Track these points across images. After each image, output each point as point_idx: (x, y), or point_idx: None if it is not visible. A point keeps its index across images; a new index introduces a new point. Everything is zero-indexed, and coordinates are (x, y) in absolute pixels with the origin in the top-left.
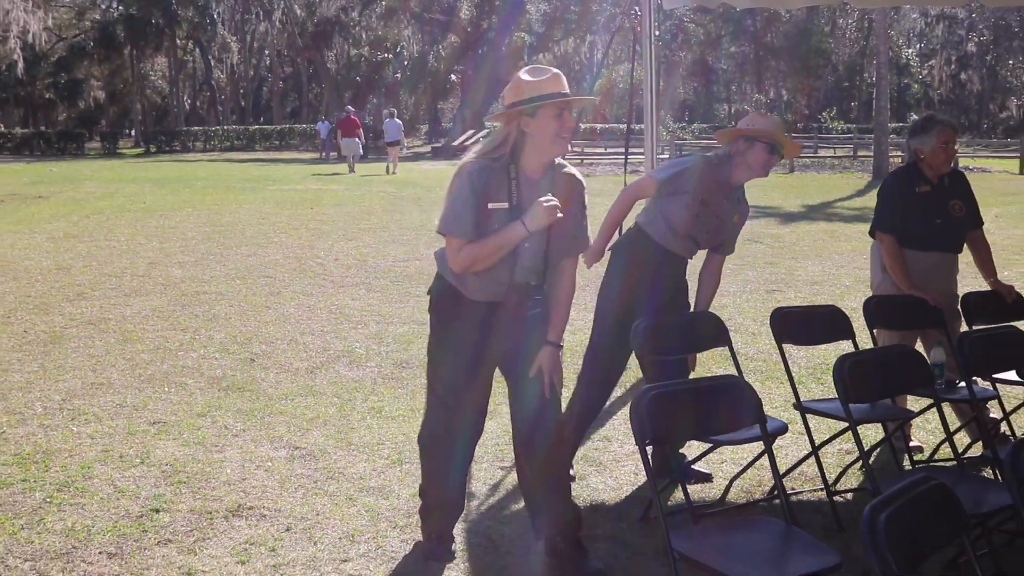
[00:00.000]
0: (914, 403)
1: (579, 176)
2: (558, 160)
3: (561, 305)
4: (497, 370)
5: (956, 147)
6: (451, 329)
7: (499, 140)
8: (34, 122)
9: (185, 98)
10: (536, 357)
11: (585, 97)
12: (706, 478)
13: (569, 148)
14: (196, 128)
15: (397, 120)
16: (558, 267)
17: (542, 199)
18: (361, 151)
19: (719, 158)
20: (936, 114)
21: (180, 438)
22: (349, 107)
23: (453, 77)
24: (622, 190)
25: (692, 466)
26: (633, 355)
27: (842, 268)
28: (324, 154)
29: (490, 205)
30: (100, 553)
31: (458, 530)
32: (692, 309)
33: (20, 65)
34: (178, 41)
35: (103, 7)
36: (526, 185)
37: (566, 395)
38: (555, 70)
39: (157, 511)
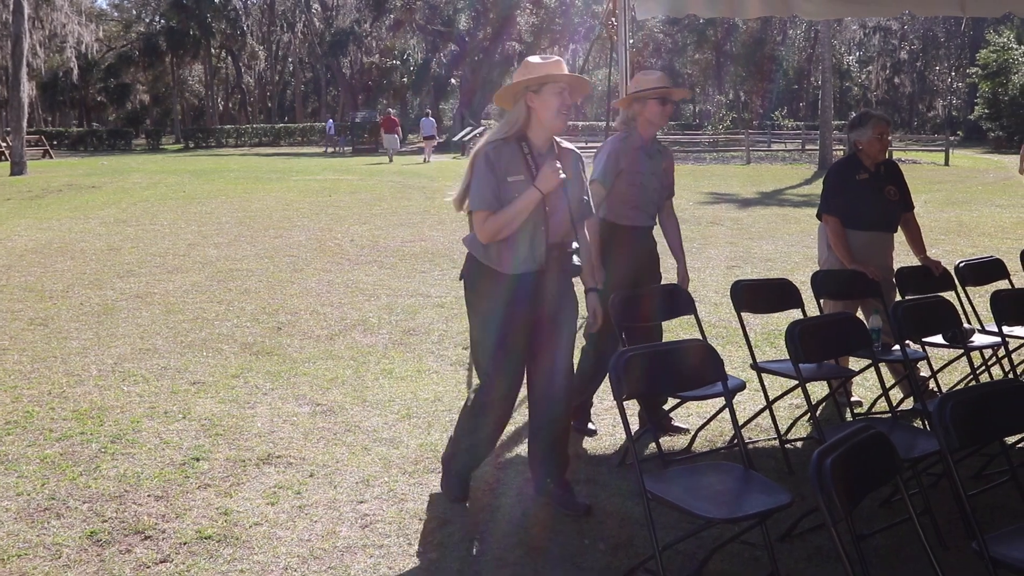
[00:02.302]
0: (855, 363)
1: (576, 149)
2: (556, 137)
3: (591, 257)
4: None
5: (889, 138)
6: (489, 305)
7: (512, 119)
8: (87, 121)
9: (219, 100)
10: (565, 322)
11: (582, 77)
12: (682, 431)
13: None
14: (229, 126)
15: (431, 119)
16: (579, 230)
17: (549, 163)
18: (399, 145)
19: (626, 128)
20: (870, 110)
21: (217, 396)
22: (390, 109)
23: (453, 81)
24: None
25: (671, 421)
26: None
27: (792, 247)
28: (332, 148)
29: (509, 179)
30: (148, 496)
31: None
32: (672, 255)
33: (75, 72)
34: (212, 50)
35: (147, 21)
36: (538, 157)
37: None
38: (558, 57)
39: (197, 459)
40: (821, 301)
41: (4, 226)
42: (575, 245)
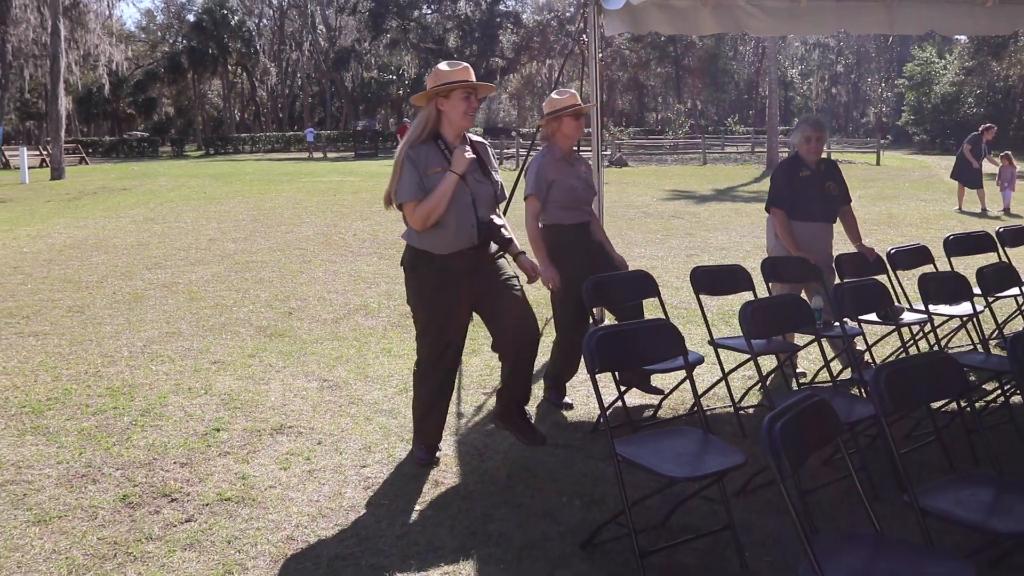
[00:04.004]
0: (800, 339)
1: (484, 140)
2: (467, 133)
3: (508, 230)
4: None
5: (819, 142)
6: (425, 285)
7: (422, 122)
8: (119, 131)
9: (236, 111)
10: (507, 282)
11: (486, 84)
12: (658, 391)
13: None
14: (244, 135)
15: None
16: (495, 209)
17: (458, 148)
18: None
19: (547, 144)
20: (809, 116)
21: (235, 374)
22: (405, 119)
23: None
24: (526, 219)
25: (650, 381)
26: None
27: (744, 237)
28: (310, 154)
29: (429, 171)
30: (174, 463)
31: (450, 442)
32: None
33: (107, 87)
34: (229, 67)
35: (171, 41)
36: (453, 151)
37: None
38: (465, 64)
39: (218, 430)
40: (770, 284)
41: (45, 224)
42: (499, 221)
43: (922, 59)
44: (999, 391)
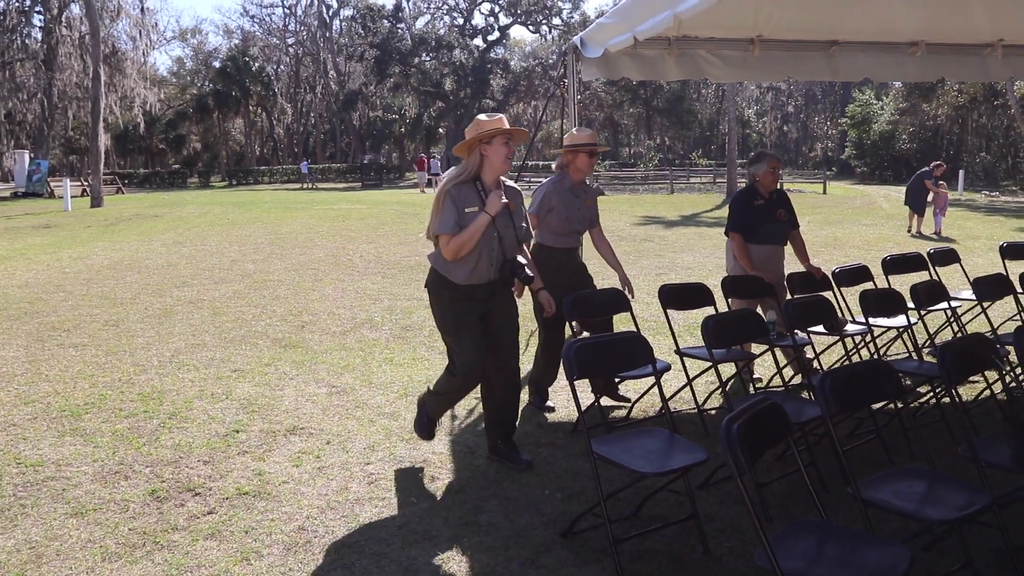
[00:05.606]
0: (756, 348)
1: (518, 187)
2: (502, 178)
3: (533, 266)
4: None
5: (779, 173)
6: (446, 305)
7: (469, 165)
8: (151, 164)
9: (256, 146)
10: (510, 312)
11: (522, 129)
12: (625, 400)
13: (511, 171)
14: (263, 167)
15: (437, 159)
16: (524, 248)
17: (493, 192)
18: (427, 179)
19: (559, 172)
20: (764, 151)
21: (253, 381)
22: (423, 154)
23: (440, 130)
24: None
25: (618, 391)
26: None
27: (707, 258)
28: (305, 184)
29: (466, 209)
30: (198, 461)
31: (445, 442)
32: (611, 267)
33: (142, 126)
34: (250, 108)
35: (199, 85)
36: (487, 192)
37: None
38: (501, 115)
39: (237, 431)
40: (729, 300)
41: (85, 247)
42: (523, 260)
43: (862, 101)
44: (931, 394)
